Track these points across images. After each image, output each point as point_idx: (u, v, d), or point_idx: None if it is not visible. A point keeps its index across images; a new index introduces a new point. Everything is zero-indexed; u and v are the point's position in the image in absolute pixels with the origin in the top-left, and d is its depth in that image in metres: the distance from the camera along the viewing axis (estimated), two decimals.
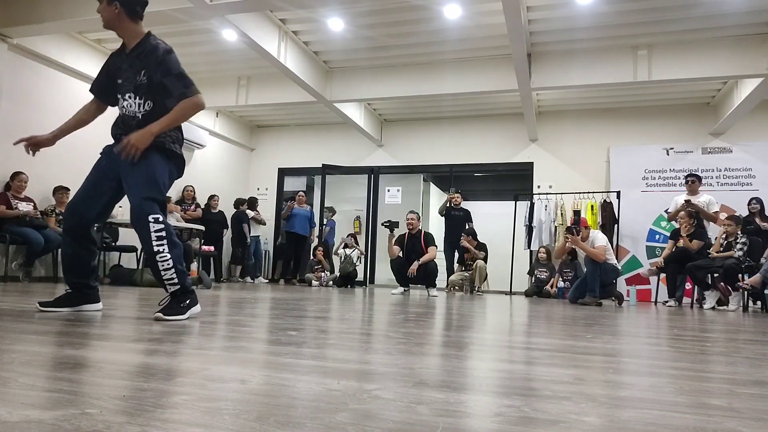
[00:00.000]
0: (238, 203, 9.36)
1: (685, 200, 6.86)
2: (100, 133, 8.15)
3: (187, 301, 2.45)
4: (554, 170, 9.10)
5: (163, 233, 2.40)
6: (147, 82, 2.48)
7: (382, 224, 7.23)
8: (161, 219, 2.41)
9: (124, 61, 2.56)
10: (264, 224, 9.46)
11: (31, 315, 2.33)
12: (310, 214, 9.36)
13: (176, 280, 2.42)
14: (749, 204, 6.73)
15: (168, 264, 2.40)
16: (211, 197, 9.05)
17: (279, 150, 10.81)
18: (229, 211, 9.29)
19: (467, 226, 8.34)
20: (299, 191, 9.58)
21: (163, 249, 2.40)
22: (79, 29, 6.56)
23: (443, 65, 7.63)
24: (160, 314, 2.35)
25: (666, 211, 7.80)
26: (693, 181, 7.05)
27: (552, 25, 6.48)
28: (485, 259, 7.91)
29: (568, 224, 6.96)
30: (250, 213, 9.31)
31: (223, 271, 9.44)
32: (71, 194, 6.73)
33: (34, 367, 1.19)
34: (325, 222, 9.76)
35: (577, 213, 6.30)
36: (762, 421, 0.98)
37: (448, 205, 8.46)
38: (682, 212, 6.60)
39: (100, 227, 6.57)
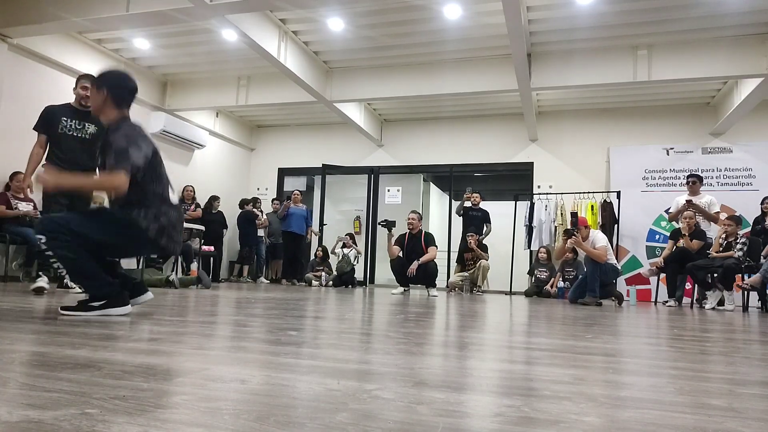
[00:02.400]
0: (243, 203, 9.36)
1: (686, 200, 6.82)
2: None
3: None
4: (554, 170, 9.10)
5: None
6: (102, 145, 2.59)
7: (379, 223, 7.23)
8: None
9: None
10: (265, 226, 9.44)
11: (31, 315, 2.33)
12: (306, 213, 9.36)
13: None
14: (762, 203, 6.70)
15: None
16: (214, 198, 9.05)
17: (279, 150, 10.81)
18: (228, 212, 9.29)
19: (485, 227, 8.33)
20: (294, 190, 9.57)
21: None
22: (79, 29, 6.56)
23: (443, 65, 7.63)
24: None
25: (666, 212, 7.79)
26: (694, 182, 6.98)
27: (552, 25, 6.48)
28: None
29: (568, 224, 6.96)
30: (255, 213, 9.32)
31: (223, 271, 9.44)
32: None
33: (34, 367, 1.19)
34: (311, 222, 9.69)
35: (574, 215, 6.28)
36: (762, 421, 0.98)
37: (466, 204, 8.44)
38: (688, 212, 6.57)
39: None
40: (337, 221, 10.72)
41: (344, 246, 8.97)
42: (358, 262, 9.17)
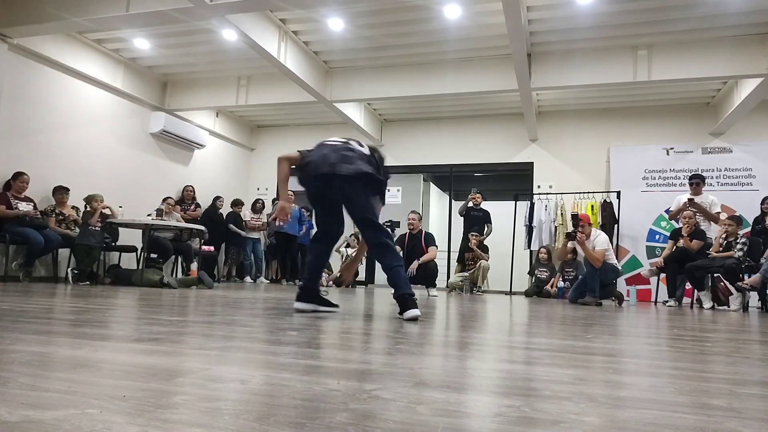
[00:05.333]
0: (234, 204, 9.36)
1: (688, 199, 6.82)
2: (100, 133, 8.15)
3: None
4: (554, 170, 9.10)
5: None
6: None
7: (383, 224, 7.23)
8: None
9: None
10: (259, 230, 9.39)
11: (32, 315, 2.33)
12: (299, 214, 9.33)
13: None
14: (762, 203, 6.70)
15: None
16: (217, 198, 9.10)
17: (279, 150, 10.66)
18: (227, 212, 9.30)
19: (486, 228, 8.34)
20: (288, 191, 9.51)
21: None
22: (79, 29, 6.56)
23: (443, 65, 7.63)
24: None
25: (667, 211, 7.78)
26: (698, 183, 6.99)
27: (552, 25, 6.48)
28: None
29: (569, 225, 6.96)
30: (247, 215, 9.30)
31: (221, 270, 9.44)
32: (71, 194, 6.74)
33: (34, 367, 1.19)
34: (304, 222, 9.62)
35: (575, 217, 6.27)
36: (762, 421, 0.98)
37: (469, 205, 8.44)
38: (688, 212, 6.57)
39: (103, 227, 6.56)
40: None
41: (348, 246, 8.97)
42: (362, 263, 9.16)
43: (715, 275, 6.20)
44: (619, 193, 8.32)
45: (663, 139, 8.67)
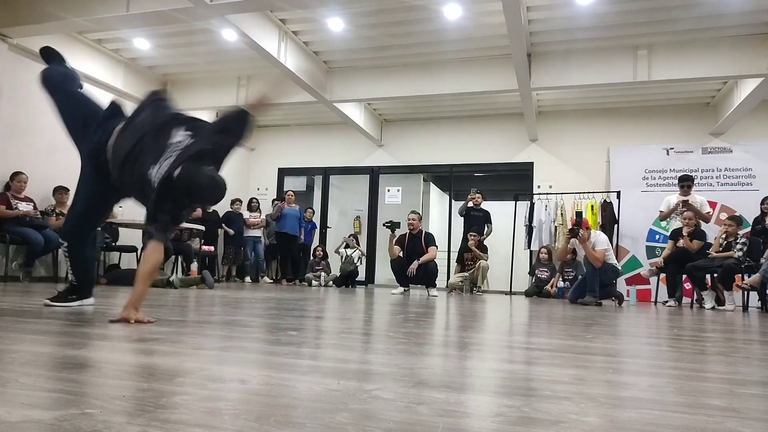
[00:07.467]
0: (231, 202, 9.35)
1: (683, 201, 6.87)
2: None
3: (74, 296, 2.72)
4: (554, 170, 9.10)
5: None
6: None
7: (384, 225, 7.23)
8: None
9: None
10: (259, 227, 9.37)
11: (32, 315, 2.33)
12: (299, 214, 9.33)
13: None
14: (762, 203, 6.70)
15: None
16: None
17: (279, 150, 10.80)
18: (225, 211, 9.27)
19: (486, 228, 8.34)
20: (288, 191, 9.53)
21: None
22: (79, 29, 6.56)
23: (443, 65, 7.62)
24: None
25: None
26: (689, 186, 7.07)
27: (552, 25, 6.48)
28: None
29: (569, 225, 6.97)
30: (246, 214, 9.29)
31: (220, 270, 9.43)
32: (71, 194, 6.73)
33: (34, 367, 1.19)
34: (304, 222, 9.60)
35: (578, 214, 6.28)
36: (762, 421, 0.98)
37: (469, 205, 8.45)
38: (688, 213, 6.62)
39: (103, 227, 6.56)
40: (337, 221, 10.72)
41: (347, 246, 8.98)
42: (361, 263, 9.15)
43: (715, 275, 6.20)
44: (619, 193, 8.31)
45: (663, 139, 8.67)
